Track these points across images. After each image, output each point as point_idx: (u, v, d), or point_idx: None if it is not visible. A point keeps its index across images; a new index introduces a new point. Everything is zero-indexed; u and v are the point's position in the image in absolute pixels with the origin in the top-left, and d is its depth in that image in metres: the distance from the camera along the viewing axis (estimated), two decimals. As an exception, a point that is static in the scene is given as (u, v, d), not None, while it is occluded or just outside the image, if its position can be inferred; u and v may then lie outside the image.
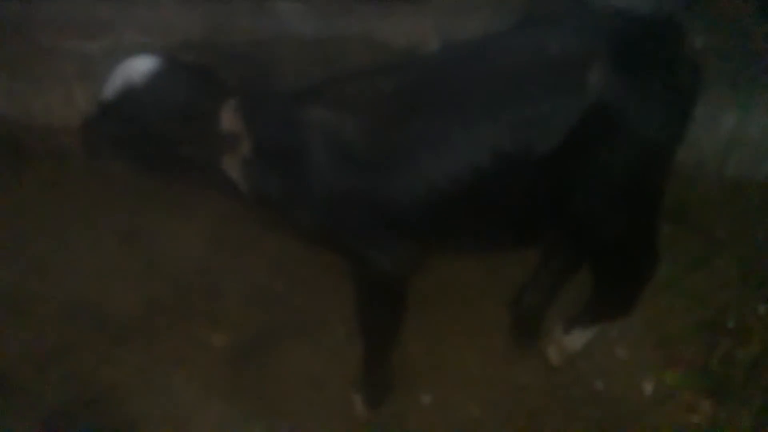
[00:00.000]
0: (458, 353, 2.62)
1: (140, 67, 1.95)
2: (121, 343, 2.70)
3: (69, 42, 3.07)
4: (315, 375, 2.60)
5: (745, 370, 2.53)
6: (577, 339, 2.50)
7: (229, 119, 1.92)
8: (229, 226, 3.00)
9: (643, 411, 2.48)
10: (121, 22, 3.01)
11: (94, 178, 3.26)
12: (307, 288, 2.82)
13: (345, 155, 1.91)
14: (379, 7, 2.94)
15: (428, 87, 1.92)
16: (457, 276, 2.77)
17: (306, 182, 1.96)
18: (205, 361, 2.66)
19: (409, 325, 2.32)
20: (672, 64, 1.88)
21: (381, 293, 2.17)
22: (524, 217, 2.02)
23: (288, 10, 2.90)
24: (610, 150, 1.83)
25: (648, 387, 2.53)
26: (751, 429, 2.40)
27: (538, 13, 2.07)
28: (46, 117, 3.29)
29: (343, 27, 2.83)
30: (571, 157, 1.83)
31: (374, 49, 2.77)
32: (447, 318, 2.63)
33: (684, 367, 2.57)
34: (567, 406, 2.49)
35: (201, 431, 2.48)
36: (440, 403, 2.51)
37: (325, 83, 2.05)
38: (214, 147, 1.95)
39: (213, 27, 2.90)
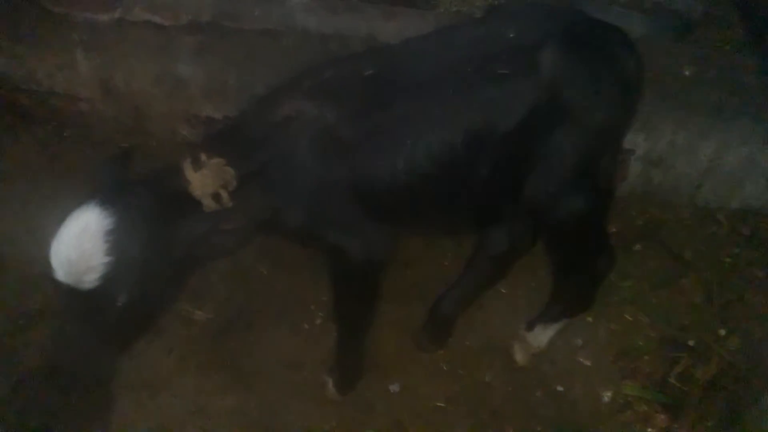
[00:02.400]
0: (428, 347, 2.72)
1: (96, 235, 1.69)
2: (103, 309, 2.77)
3: (78, 12, 3.11)
4: (290, 356, 2.69)
5: (702, 389, 2.63)
6: (540, 336, 2.61)
7: (191, 171, 1.84)
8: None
9: (599, 417, 2.59)
10: (133, -1, 3.07)
11: (89, 144, 3.33)
12: (290, 272, 2.90)
13: (324, 142, 1.97)
14: (384, 9, 3.04)
15: (401, 72, 2.03)
16: (431, 272, 2.86)
17: (290, 178, 2.00)
18: (184, 334, 2.73)
19: (382, 317, 2.42)
20: (617, 56, 2.05)
21: (357, 280, 2.26)
22: (485, 199, 2.14)
23: (296, 2, 2.98)
24: (559, 130, 1.98)
25: (606, 395, 2.65)
26: (702, 446, 2.51)
27: (503, 9, 2.23)
28: (48, 82, 3.34)
29: (347, 25, 2.91)
30: (525, 136, 1.97)
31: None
32: (418, 312, 2.70)
33: (643, 380, 2.68)
34: (528, 405, 2.59)
35: (175, 399, 2.56)
36: (407, 393, 2.61)
37: (299, 76, 2.08)
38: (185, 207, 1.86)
39: (222, 12, 2.97)
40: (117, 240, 1.71)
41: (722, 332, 2.81)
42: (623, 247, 2.92)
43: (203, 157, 1.88)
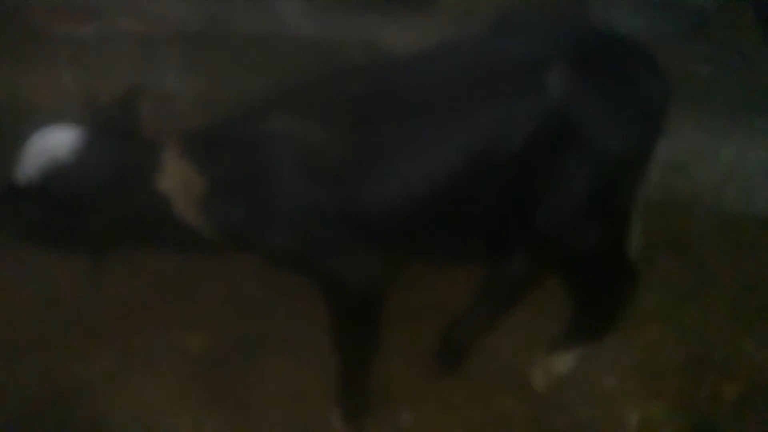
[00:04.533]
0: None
1: (62, 139, 1.85)
2: (95, 341, 2.62)
3: (61, 26, 3.00)
4: (293, 387, 2.52)
5: (730, 408, 2.50)
6: (560, 362, 2.47)
7: (173, 167, 1.86)
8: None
9: (626, 443, 2.44)
10: (116, 9, 2.95)
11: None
12: (289, 299, 2.72)
13: (310, 164, 1.85)
14: (382, 12, 2.89)
15: (396, 92, 1.90)
16: (440, 295, 2.70)
17: (273, 200, 1.89)
18: (179, 366, 2.57)
19: (390, 343, 2.27)
20: (637, 75, 1.89)
21: (355, 312, 2.12)
22: (494, 225, 2.00)
23: (289, 7, 2.83)
24: (570, 156, 1.82)
25: (632, 419, 2.49)
26: (734, 469, 2.38)
27: (509, 22, 2.10)
28: (31, 98, 3.20)
29: (345, 30, 2.77)
30: (533, 161, 1.82)
31: (375, 55, 2.70)
32: (428, 338, 2.56)
33: (670, 401, 2.53)
34: (550, 434, 2.44)
35: (170, 437, 2.40)
36: (420, 424, 2.45)
37: (290, 90, 1.99)
38: (157, 204, 1.87)
39: (210, 20, 2.83)
40: (78, 156, 1.82)
41: (750, 347, 2.67)
42: (644, 260, 2.77)
43: (179, 159, 1.87)
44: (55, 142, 1.85)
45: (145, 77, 2.97)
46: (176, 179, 1.87)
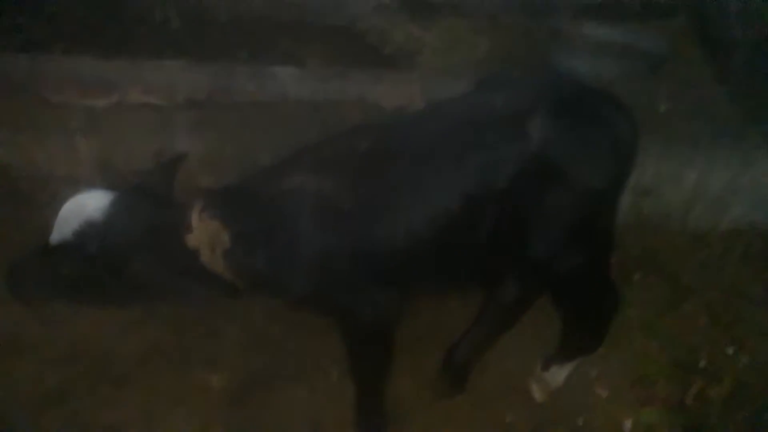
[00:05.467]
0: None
1: (94, 201, 2.01)
2: (121, 386, 2.77)
3: (75, 98, 3.22)
4: (311, 416, 2.69)
5: (718, 409, 2.69)
6: (556, 375, 2.67)
7: (199, 222, 2.04)
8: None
9: (623, 447, 2.61)
10: (127, 81, 3.20)
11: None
12: (302, 332, 2.92)
13: (325, 215, 2.05)
14: (370, 73, 3.20)
15: (396, 144, 2.13)
16: (442, 319, 2.89)
17: (292, 249, 2.08)
18: (203, 402, 2.73)
19: (398, 365, 2.45)
20: (608, 119, 2.14)
21: (369, 342, 2.32)
22: (488, 257, 2.20)
23: (287, 74, 3.13)
24: (553, 193, 2.05)
25: (627, 424, 2.67)
26: (725, 464, 2.54)
27: (491, 78, 2.36)
28: (48, 167, 3.41)
29: (338, 91, 3.06)
30: (520, 199, 2.04)
31: (368, 111, 2.98)
32: (434, 359, 2.73)
33: (660, 405, 2.72)
34: (552, 442, 2.61)
35: (200, 471, 2.54)
36: (431, 440, 2.61)
37: (304, 149, 2.20)
38: (184, 259, 2.04)
39: (216, 88, 3.11)
40: (108, 217, 1.97)
41: (730, 351, 2.88)
42: (624, 278, 3.00)
43: (204, 214, 2.05)
44: (88, 204, 2.01)
45: (157, 143, 3.25)
46: (203, 234, 2.05)
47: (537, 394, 2.70)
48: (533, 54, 3.57)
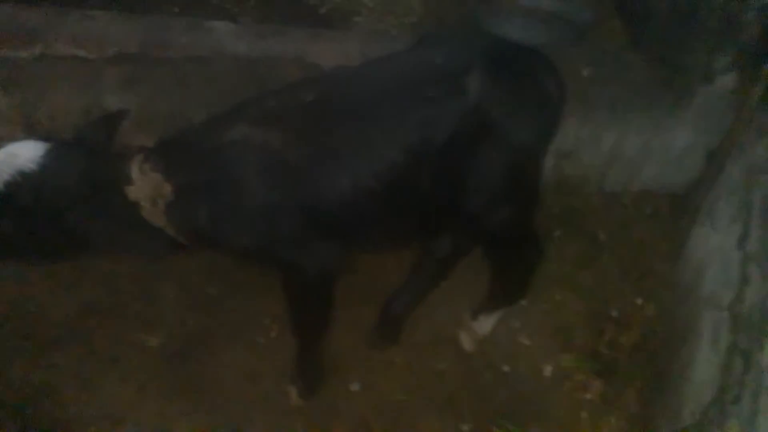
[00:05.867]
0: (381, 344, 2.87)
1: (26, 152, 1.92)
2: (53, 347, 2.74)
3: (-2, 49, 3.05)
4: (250, 371, 2.76)
5: (628, 354, 2.94)
6: (484, 324, 2.84)
7: (140, 174, 2.02)
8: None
9: (544, 390, 2.83)
10: (52, 31, 3.05)
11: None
12: (240, 291, 2.97)
13: (272, 167, 2.07)
14: (308, 31, 3.19)
15: (340, 98, 2.17)
16: (378, 275, 3.00)
17: (236, 202, 2.09)
18: (139, 362, 2.75)
19: (337, 320, 2.53)
20: (539, 77, 2.28)
21: (311, 294, 2.38)
22: (424, 211, 2.29)
23: (223, 29, 3.07)
24: (486, 148, 2.16)
25: (548, 369, 2.89)
26: (636, 403, 2.80)
27: (431, 37, 2.44)
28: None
29: (275, 48, 3.04)
30: (455, 153, 2.14)
31: (305, 69, 2.98)
32: (369, 313, 2.85)
33: (577, 352, 2.95)
34: (480, 388, 2.79)
35: (139, 428, 2.57)
36: (368, 390, 2.74)
37: (247, 101, 2.20)
38: (124, 212, 2.02)
39: (149, 41, 3.02)
40: (43, 168, 1.90)
41: (639, 301, 3.13)
42: (545, 235, 3.19)
43: (146, 166, 2.02)
44: (20, 155, 1.92)
45: (85, 99, 3.14)
46: (144, 187, 2.03)
47: (466, 343, 2.87)
48: (466, 19, 3.66)
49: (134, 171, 2.03)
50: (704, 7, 3.03)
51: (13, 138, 3.14)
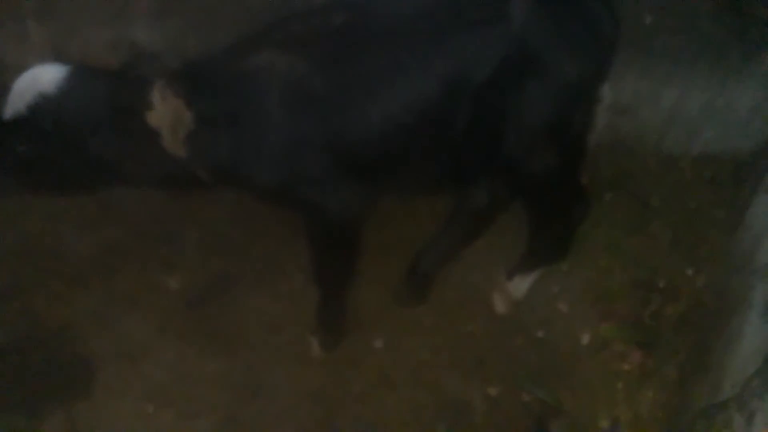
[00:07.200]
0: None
1: (48, 75, 1.87)
2: (75, 284, 2.71)
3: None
4: (271, 319, 2.67)
5: (672, 326, 2.75)
6: (520, 285, 2.66)
7: (161, 100, 1.91)
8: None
9: (579, 358, 2.67)
10: (83, -39, 2.95)
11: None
12: (264, 237, 2.86)
13: (297, 96, 1.94)
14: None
15: (372, 22, 2.00)
16: (408, 228, 2.86)
17: (258, 133, 1.98)
18: (160, 303, 2.69)
19: (364, 273, 2.43)
20: (590, 10, 2.06)
21: (335, 240, 2.25)
22: (462, 154, 2.12)
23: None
24: (530, 84, 1.98)
25: (585, 337, 2.72)
26: (676, 377, 2.61)
27: None
28: (-1, 55, 3.19)
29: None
30: (497, 88, 1.96)
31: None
32: (398, 268, 2.71)
33: (618, 321, 2.76)
34: (510, 352, 2.65)
35: (156, 368, 2.52)
36: (391, 347, 2.63)
37: (271, 26, 2.06)
38: (145, 140, 1.93)
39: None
40: (63, 91, 1.85)
41: (689, 272, 2.92)
42: (594, 197, 2.98)
43: (167, 91, 1.92)
44: (42, 78, 1.87)
45: (114, 31, 3.04)
46: (165, 114, 1.92)
47: (499, 305, 2.71)
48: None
49: (155, 96, 1.93)
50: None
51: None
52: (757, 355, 2.23)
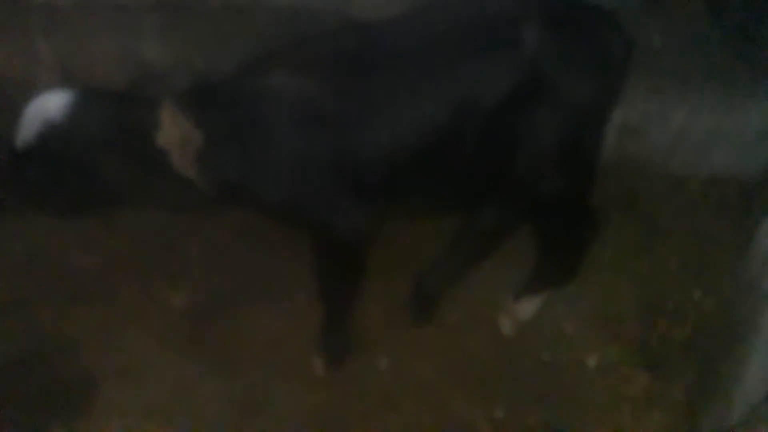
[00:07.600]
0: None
1: (56, 102, 1.88)
2: (79, 299, 2.69)
3: (36, -6, 2.98)
4: (275, 337, 2.64)
5: (679, 349, 2.73)
6: (527, 307, 2.63)
7: (170, 120, 1.91)
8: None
9: (585, 382, 2.62)
10: (93, -22, 2.96)
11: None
12: (269, 253, 2.83)
13: (307, 116, 1.94)
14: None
15: (383, 46, 2.01)
16: (415, 247, 2.84)
17: (267, 152, 1.97)
18: (162, 319, 2.67)
19: (369, 292, 2.41)
20: (602, 35, 2.06)
21: (341, 258, 2.24)
22: (470, 175, 2.12)
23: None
24: (541, 107, 1.97)
25: (591, 360, 2.68)
26: (683, 401, 2.58)
27: None
28: (3, 69, 3.20)
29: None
30: (508, 112, 1.96)
31: (347, 21, 2.81)
32: (403, 287, 2.69)
33: (624, 344, 2.73)
34: (516, 375, 2.61)
35: (159, 384, 2.49)
36: (396, 368, 2.59)
37: (283, 48, 2.07)
38: (153, 161, 1.93)
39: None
40: (71, 117, 1.85)
41: (697, 295, 2.89)
42: (601, 217, 2.96)
43: (176, 111, 1.91)
44: (50, 106, 1.87)
45: (122, 47, 3.05)
46: (173, 134, 1.92)
47: (505, 327, 2.68)
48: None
49: (164, 116, 1.93)
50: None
51: (50, 84, 3.16)
52: (764, 380, 2.21)
